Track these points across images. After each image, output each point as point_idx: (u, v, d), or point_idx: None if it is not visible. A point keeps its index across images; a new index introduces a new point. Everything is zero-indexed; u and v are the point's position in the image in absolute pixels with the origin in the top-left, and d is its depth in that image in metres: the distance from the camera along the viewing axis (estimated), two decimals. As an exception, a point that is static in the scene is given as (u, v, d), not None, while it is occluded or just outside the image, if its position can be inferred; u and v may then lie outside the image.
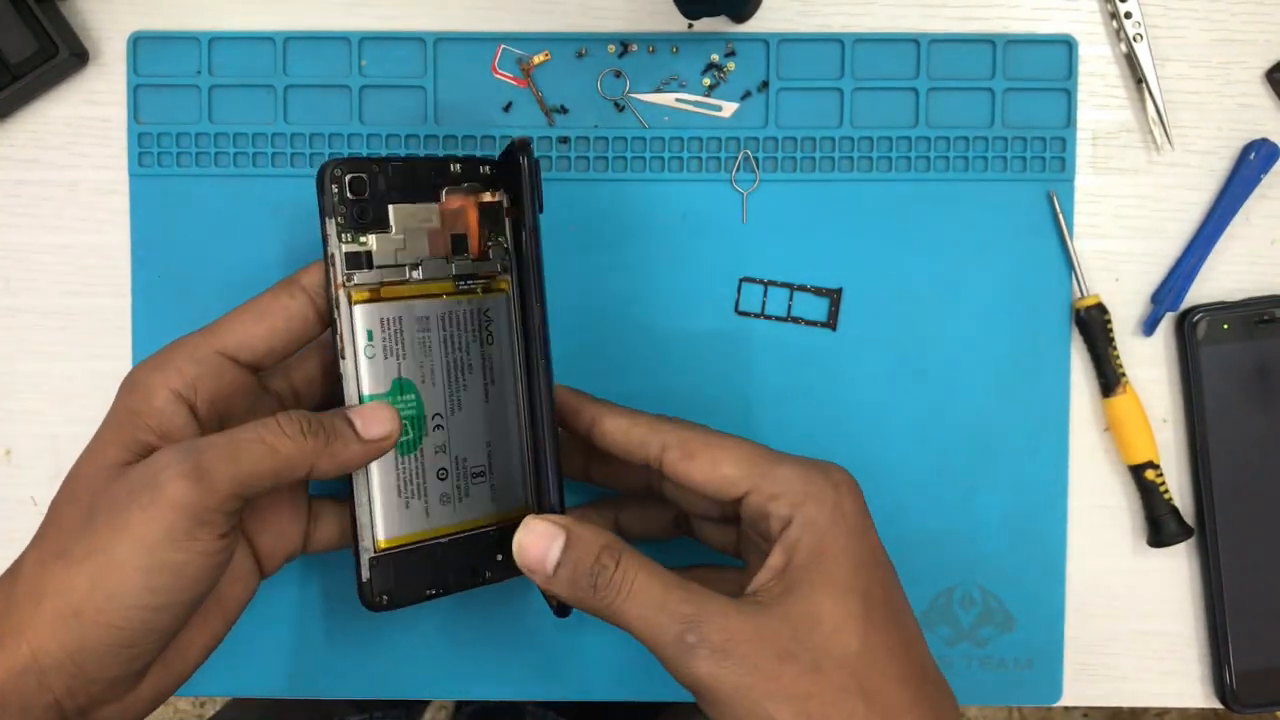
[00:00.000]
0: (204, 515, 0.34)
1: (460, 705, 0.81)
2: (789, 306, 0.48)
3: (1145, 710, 1.15)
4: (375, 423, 0.39)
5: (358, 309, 0.40)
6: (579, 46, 0.48)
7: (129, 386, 0.38)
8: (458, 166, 0.42)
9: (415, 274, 0.42)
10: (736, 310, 0.48)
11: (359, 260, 0.40)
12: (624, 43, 0.48)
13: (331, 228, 0.40)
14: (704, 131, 0.48)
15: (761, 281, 0.48)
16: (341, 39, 0.48)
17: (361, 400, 0.40)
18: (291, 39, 0.48)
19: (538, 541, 0.37)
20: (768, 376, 0.48)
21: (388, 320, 0.41)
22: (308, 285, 0.40)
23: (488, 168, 0.43)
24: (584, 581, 0.36)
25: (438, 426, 0.42)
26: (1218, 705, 0.50)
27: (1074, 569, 0.49)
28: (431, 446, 0.42)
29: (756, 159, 0.48)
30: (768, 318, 0.48)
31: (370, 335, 0.41)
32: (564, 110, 0.48)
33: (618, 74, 0.48)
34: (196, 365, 0.38)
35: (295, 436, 0.37)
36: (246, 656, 0.48)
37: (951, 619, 0.49)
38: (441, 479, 0.42)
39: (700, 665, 0.35)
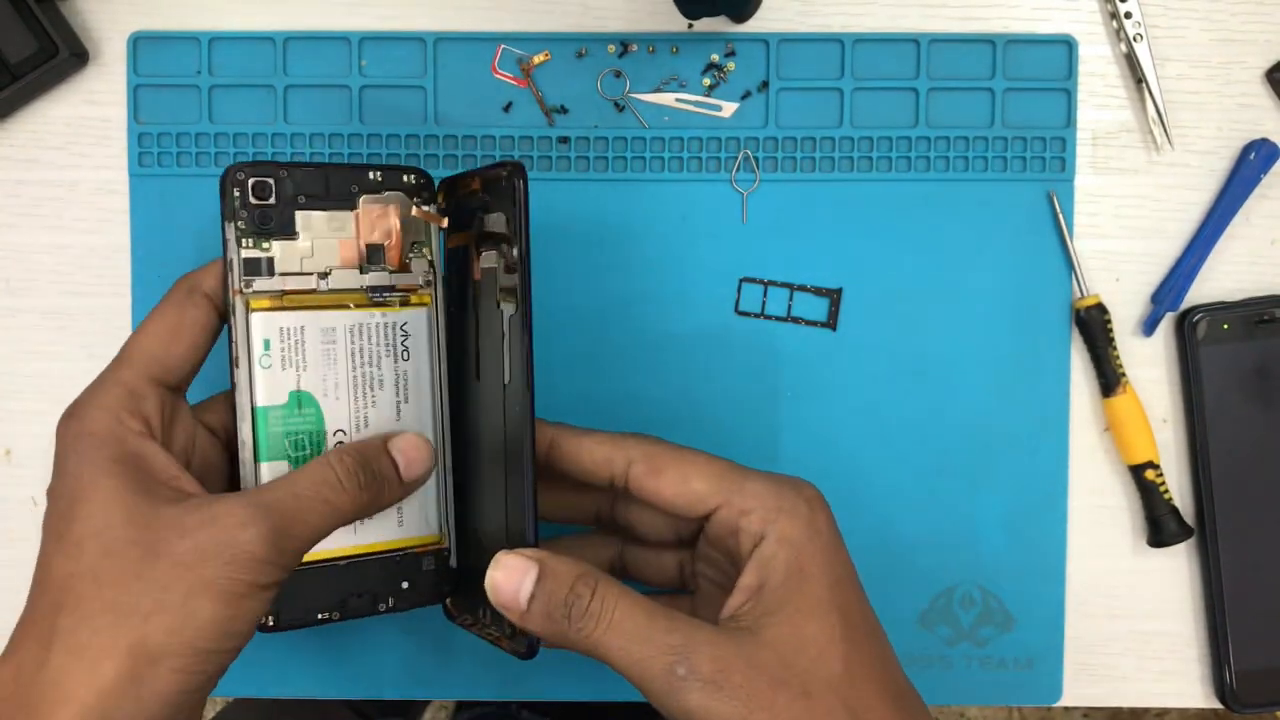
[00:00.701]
0: (278, 573, 0.35)
1: (460, 705, 0.81)
2: (789, 306, 0.48)
3: (1145, 710, 1.15)
4: (417, 463, 0.39)
5: (255, 317, 0.39)
6: (579, 46, 0.48)
7: (101, 441, 0.36)
8: (378, 175, 0.41)
9: (324, 284, 0.40)
10: (736, 310, 0.48)
11: (258, 267, 0.39)
12: (624, 43, 0.48)
13: (231, 232, 0.39)
14: (704, 131, 0.48)
15: (761, 281, 0.48)
16: (341, 39, 0.48)
17: (254, 411, 0.39)
18: (291, 39, 0.48)
19: (510, 576, 0.36)
20: (768, 376, 0.48)
21: (288, 330, 0.39)
22: (210, 292, 0.39)
23: (411, 177, 0.41)
24: (558, 614, 0.35)
25: (340, 443, 0.40)
26: (1218, 705, 0.50)
27: (1074, 569, 0.49)
28: None
29: (756, 159, 0.48)
30: (768, 318, 0.48)
31: (267, 345, 0.39)
32: (564, 110, 0.48)
33: (618, 74, 0.48)
34: (146, 399, 0.37)
35: (354, 492, 0.37)
36: (245, 658, 0.48)
37: (951, 619, 0.49)
38: None
39: (692, 698, 0.34)
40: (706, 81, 0.48)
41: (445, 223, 0.42)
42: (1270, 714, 0.51)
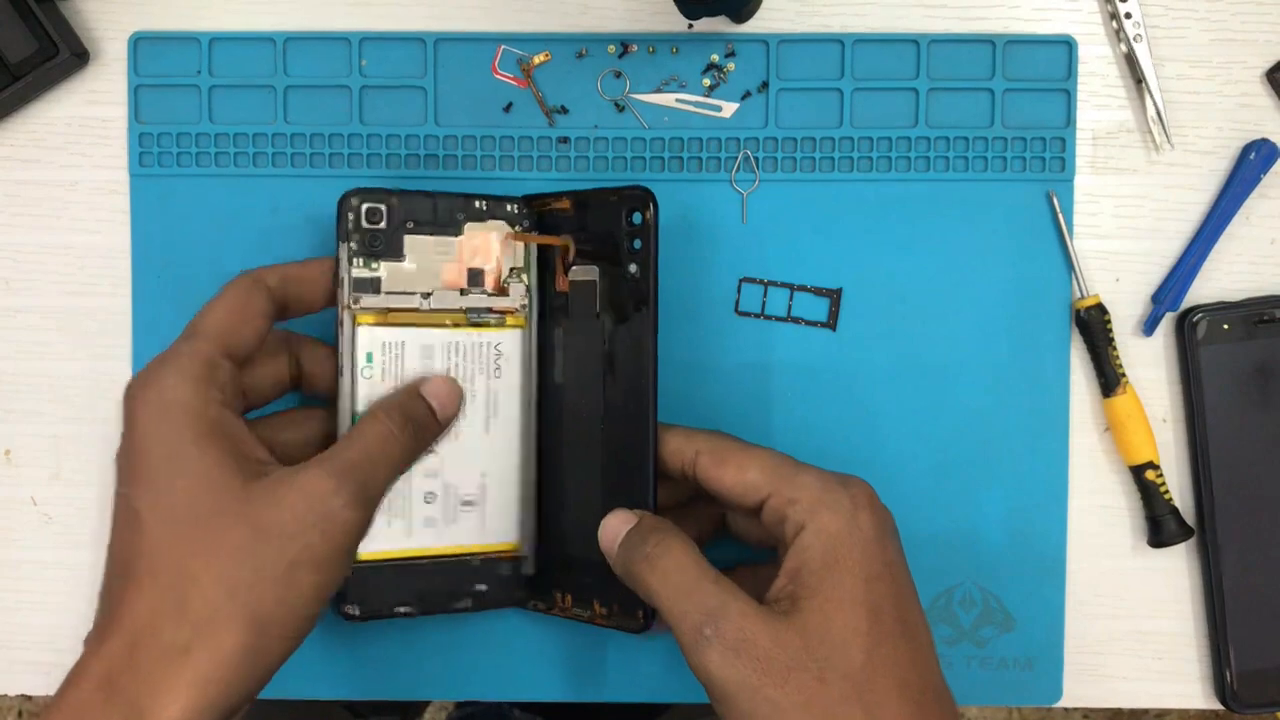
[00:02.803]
0: (362, 535, 0.38)
1: (460, 706, 0.81)
2: (789, 306, 0.48)
3: (1145, 710, 1.15)
4: (449, 405, 0.43)
5: (360, 330, 0.42)
6: (579, 46, 0.48)
7: (183, 409, 0.37)
8: (483, 204, 0.44)
9: (426, 303, 0.43)
10: (736, 310, 0.48)
11: (366, 285, 0.42)
12: (624, 43, 0.48)
13: (344, 252, 0.42)
14: (704, 132, 0.48)
15: (761, 281, 0.48)
16: (341, 39, 0.48)
17: (354, 417, 0.42)
18: (291, 39, 0.48)
19: (617, 525, 0.40)
20: (768, 376, 0.48)
21: (389, 344, 0.43)
22: (273, 286, 0.41)
23: (514, 206, 0.44)
24: (622, 556, 0.39)
25: (431, 451, 0.43)
26: (1218, 705, 0.50)
27: (1074, 569, 0.49)
28: (421, 470, 0.43)
29: (756, 159, 0.48)
30: (768, 318, 0.48)
31: (370, 357, 0.42)
32: (564, 110, 0.48)
33: (618, 74, 0.48)
34: (221, 369, 0.39)
35: (407, 440, 0.40)
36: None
37: (951, 619, 0.49)
38: (428, 502, 0.43)
39: (711, 656, 0.36)
40: (706, 82, 0.48)
41: (561, 242, 0.44)
42: (1270, 714, 0.51)
